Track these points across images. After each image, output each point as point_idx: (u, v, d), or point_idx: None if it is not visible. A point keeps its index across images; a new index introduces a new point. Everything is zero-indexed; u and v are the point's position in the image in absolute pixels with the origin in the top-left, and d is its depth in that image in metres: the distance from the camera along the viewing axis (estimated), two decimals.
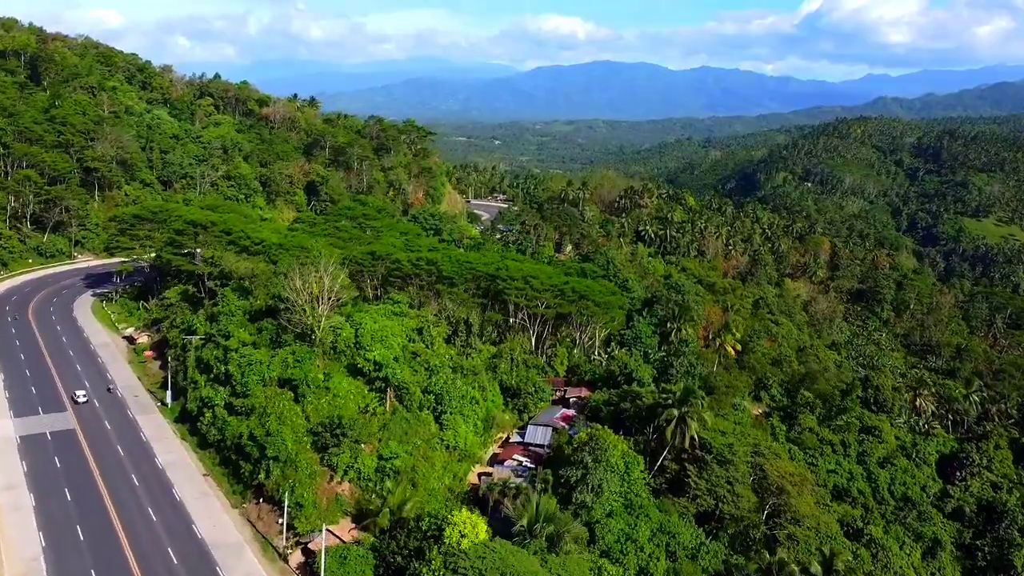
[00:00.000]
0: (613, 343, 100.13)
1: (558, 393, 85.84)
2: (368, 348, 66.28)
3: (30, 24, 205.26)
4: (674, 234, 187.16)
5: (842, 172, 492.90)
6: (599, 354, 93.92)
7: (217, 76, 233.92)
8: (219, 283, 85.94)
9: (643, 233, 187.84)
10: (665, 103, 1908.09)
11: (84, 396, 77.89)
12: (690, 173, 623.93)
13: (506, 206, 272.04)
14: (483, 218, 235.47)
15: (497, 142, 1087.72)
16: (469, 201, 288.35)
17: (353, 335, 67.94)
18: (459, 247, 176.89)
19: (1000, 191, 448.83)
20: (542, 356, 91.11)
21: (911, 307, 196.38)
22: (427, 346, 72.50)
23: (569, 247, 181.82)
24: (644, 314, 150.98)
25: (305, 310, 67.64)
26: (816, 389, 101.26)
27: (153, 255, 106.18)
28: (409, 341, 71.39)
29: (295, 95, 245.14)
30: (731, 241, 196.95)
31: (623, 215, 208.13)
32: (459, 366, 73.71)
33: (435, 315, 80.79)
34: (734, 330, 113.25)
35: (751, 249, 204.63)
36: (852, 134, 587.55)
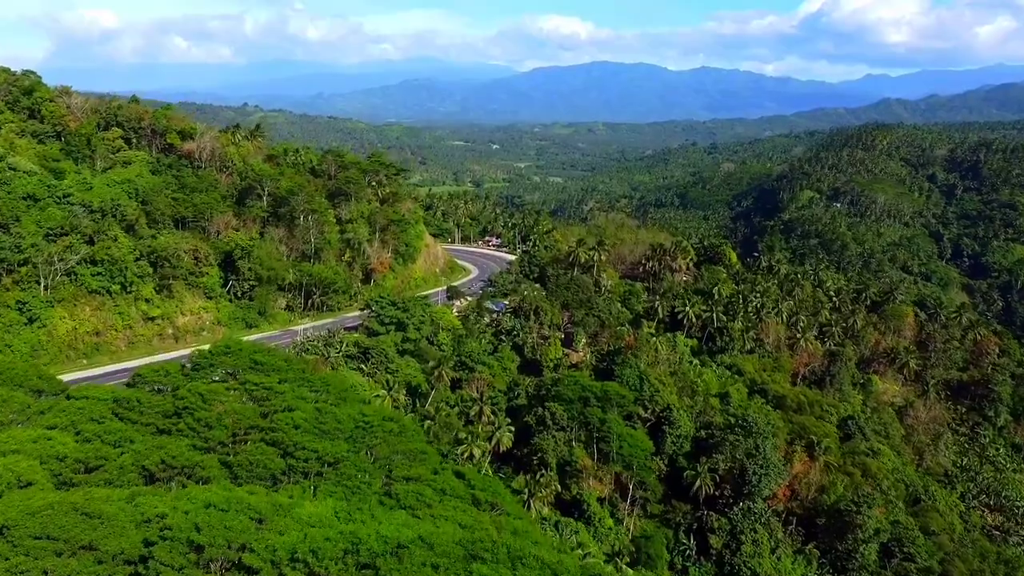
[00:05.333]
0: None
1: None
2: None
3: None
4: (722, 316, 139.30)
5: (873, 191, 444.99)
6: None
7: (134, 99, 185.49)
8: None
9: (681, 316, 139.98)
10: (664, 104, 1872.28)
11: None
12: (701, 187, 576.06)
13: (500, 254, 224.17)
14: (470, 277, 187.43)
15: (495, 146, 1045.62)
16: (454, 243, 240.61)
17: None
18: (431, 344, 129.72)
19: None
20: None
21: None
22: None
23: (583, 341, 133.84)
24: (696, 467, 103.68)
25: None
26: None
27: None
28: None
29: (237, 125, 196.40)
30: (796, 320, 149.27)
31: (650, 281, 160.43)
32: None
33: None
34: None
35: (816, 323, 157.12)
36: (877, 145, 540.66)
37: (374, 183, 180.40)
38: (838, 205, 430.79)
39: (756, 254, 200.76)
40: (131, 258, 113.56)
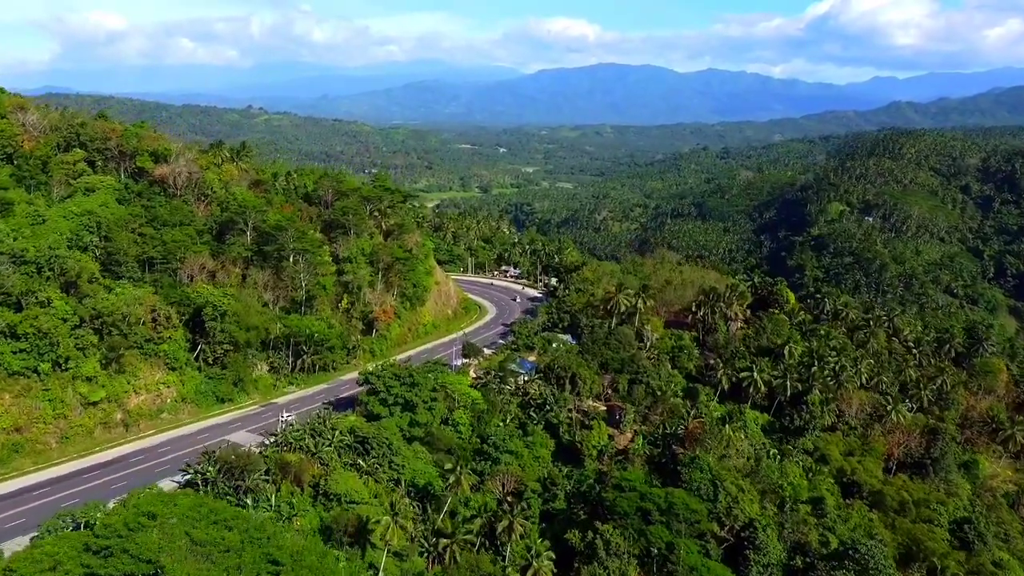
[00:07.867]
0: None
1: None
2: None
3: None
4: (796, 383, 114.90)
5: (907, 203, 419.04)
6: None
7: (102, 116, 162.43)
8: None
9: (746, 383, 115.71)
10: (670, 106, 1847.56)
11: None
12: (719, 197, 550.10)
13: (519, 287, 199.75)
14: (487, 319, 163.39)
15: (502, 150, 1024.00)
16: (466, 272, 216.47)
17: None
18: (446, 424, 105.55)
19: None
20: None
21: None
22: None
23: (631, 416, 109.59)
24: None
25: None
26: None
27: None
28: None
29: (220, 142, 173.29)
30: (878, 383, 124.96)
31: (700, 331, 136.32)
32: None
33: None
34: None
35: (897, 382, 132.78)
36: (905, 154, 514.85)
37: (377, 212, 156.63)
38: (871, 219, 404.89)
39: (816, 295, 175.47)
40: (66, 328, 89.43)
